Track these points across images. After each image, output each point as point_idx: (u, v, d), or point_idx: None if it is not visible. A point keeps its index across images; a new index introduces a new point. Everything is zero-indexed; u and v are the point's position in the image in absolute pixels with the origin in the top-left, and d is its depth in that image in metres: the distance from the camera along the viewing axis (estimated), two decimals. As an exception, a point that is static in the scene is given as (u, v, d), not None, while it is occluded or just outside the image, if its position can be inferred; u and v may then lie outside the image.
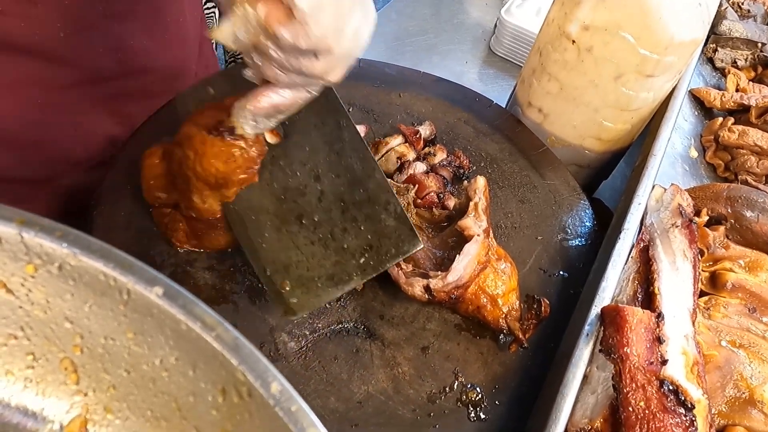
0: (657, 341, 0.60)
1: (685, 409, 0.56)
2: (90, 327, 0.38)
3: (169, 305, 0.33)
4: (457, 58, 1.44)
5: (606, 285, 0.67)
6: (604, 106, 0.90)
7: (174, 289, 0.33)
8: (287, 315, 0.65)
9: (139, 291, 0.33)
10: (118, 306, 0.35)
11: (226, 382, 0.33)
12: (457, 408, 0.66)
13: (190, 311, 0.32)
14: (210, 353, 0.32)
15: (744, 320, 0.74)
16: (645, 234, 0.74)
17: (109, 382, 0.40)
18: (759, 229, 0.80)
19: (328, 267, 0.63)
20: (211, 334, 0.32)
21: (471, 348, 0.72)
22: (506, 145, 0.95)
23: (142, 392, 0.39)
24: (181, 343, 0.34)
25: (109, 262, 0.33)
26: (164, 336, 0.35)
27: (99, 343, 0.38)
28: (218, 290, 0.70)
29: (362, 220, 0.63)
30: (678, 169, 0.93)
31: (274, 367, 0.32)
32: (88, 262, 0.34)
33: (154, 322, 0.34)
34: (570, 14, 0.85)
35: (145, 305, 0.34)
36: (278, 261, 0.65)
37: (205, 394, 0.35)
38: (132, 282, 0.34)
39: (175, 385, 0.37)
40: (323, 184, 0.64)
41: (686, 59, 0.85)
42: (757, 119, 0.97)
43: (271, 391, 0.30)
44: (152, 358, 0.37)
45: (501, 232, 0.84)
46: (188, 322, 0.33)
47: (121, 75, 0.82)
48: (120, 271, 0.33)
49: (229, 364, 0.32)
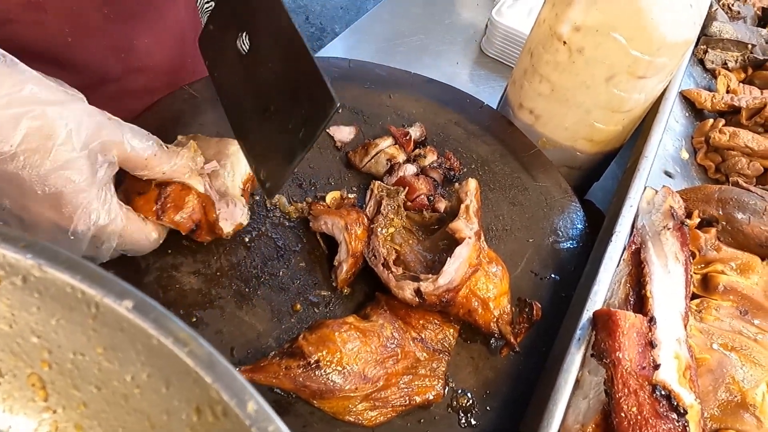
0: (649, 345, 0.59)
1: (678, 414, 0.55)
2: (58, 341, 0.36)
3: (140, 319, 0.31)
4: (449, 59, 1.43)
5: (598, 288, 0.66)
6: (595, 108, 0.89)
7: (145, 302, 0.31)
8: (268, 198, 0.75)
9: (109, 304, 0.32)
10: (87, 320, 0.34)
11: (201, 400, 0.32)
12: (447, 414, 0.66)
13: (163, 325, 0.31)
14: (183, 370, 0.31)
15: (736, 323, 0.73)
16: (636, 236, 0.74)
17: (79, 399, 0.38)
18: (750, 231, 0.79)
19: (283, 149, 0.64)
20: (183, 349, 0.31)
21: (462, 352, 0.71)
22: (497, 146, 0.94)
23: (113, 410, 0.37)
24: (153, 359, 0.33)
25: (76, 274, 0.32)
26: (135, 351, 0.34)
27: (68, 359, 0.37)
28: (204, 295, 0.69)
29: (297, 100, 0.63)
30: (669, 170, 0.93)
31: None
32: (54, 274, 0.32)
33: (125, 336, 0.33)
34: (561, 15, 0.84)
35: (114, 319, 0.32)
36: (258, 153, 0.66)
37: (179, 412, 0.34)
38: (101, 295, 0.32)
39: (147, 402, 0.36)
40: (275, 74, 0.64)
41: (678, 60, 0.85)
42: (748, 121, 0.96)
43: (248, 410, 0.29)
44: (123, 374, 0.36)
45: (492, 234, 0.83)
46: (160, 337, 0.31)
47: (125, 74, 0.84)
48: (88, 284, 0.32)
49: (203, 381, 0.30)
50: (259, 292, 0.71)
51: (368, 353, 0.62)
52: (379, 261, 0.70)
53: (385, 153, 0.85)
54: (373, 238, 0.72)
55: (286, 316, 0.70)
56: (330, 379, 0.60)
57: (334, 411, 0.62)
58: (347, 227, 0.72)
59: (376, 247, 0.71)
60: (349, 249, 0.71)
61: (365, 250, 0.72)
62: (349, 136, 0.90)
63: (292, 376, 0.60)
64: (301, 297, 0.71)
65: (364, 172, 0.86)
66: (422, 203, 0.79)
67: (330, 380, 0.60)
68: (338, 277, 0.72)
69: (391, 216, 0.75)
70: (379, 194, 0.77)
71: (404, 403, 0.64)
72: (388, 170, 0.84)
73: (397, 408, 0.64)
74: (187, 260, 0.70)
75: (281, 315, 0.69)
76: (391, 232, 0.74)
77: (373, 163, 0.86)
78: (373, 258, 0.70)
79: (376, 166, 0.86)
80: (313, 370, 0.60)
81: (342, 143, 0.89)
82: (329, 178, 0.85)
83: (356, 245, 0.71)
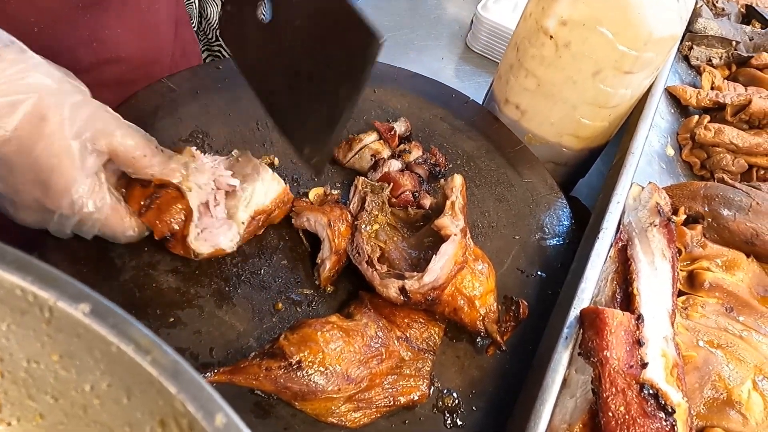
0: (637, 344, 0.58)
1: (666, 413, 0.55)
2: (10, 349, 0.33)
3: (98, 324, 0.28)
4: (434, 55, 1.42)
5: (585, 286, 0.66)
6: (582, 103, 0.88)
7: (104, 305, 0.28)
8: (317, 176, 0.80)
9: (63, 308, 0.29)
10: (41, 325, 0.31)
11: (165, 412, 0.29)
12: (433, 415, 0.64)
13: (123, 331, 0.28)
14: (146, 379, 0.28)
15: (721, 320, 0.73)
16: (623, 233, 0.73)
17: (35, 410, 0.35)
18: (736, 227, 0.79)
19: (322, 115, 0.61)
20: (146, 358, 0.28)
21: (447, 351, 0.69)
22: (483, 142, 0.93)
23: (72, 421, 0.35)
24: (113, 367, 0.30)
25: (27, 275, 0.29)
26: (94, 359, 0.31)
27: (21, 367, 0.34)
28: (182, 294, 0.66)
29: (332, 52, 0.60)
30: (655, 166, 0.93)
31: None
32: (2, 275, 0.29)
33: (82, 343, 0.30)
34: (548, 9, 0.83)
35: (70, 324, 0.30)
36: (296, 130, 0.64)
37: (142, 425, 0.31)
38: (54, 298, 0.29)
39: (108, 414, 0.33)
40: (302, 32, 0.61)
41: (664, 56, 0.84)
42: (733, 117, 0.96)
43: (216, 423, 0.26)
44: (81, 383, 0.33)
45: (478, 231, 0.82)
46: (120, 344, 0.29)
47: (96, 65, 0.82)
48: (40, 286, 0.29)
49: (166, 392, 0.28)
50: (240, 290, 0.69)
51: (351, 353, 0.61)
52: (363, 258, 0.68)
53: (370, 148, 0.84)
54: (356, 235, 0.70)
55: (268, 315, 0.68)
56: (312, 380, 0.58)
57: (317, 413, 0.60)
58: (330, 224, 0.70)
59: (360, 244, 0.69)
60: (332, 246, 0.69)
61: (349, 248, 0.70)
62: (332, 131, 0.88)
63: (273, 377, 0.58)
64: (283, 296, 0.70)
65: (348, 167, 0.85)
66: (407, 200, 0.78)
67: (312, 381, 0.58)
68: (321, 275, 0.70)
69: (375, 212, 0.73)
70: (363, 190, 0.75)
71: (389, 403, 0.62)
72: (373, 166, 0.83)
73: (382, 409, 0.62)
74: (164, 258, 0.68)
75: (262, 314, 0.68)
76: (376, 229, 0.72)
77: (357, 158, 0.84)
78: (356, 255, 0.69)
79: (360, 161, 0.84)
80: (294, 371, 0.58)
81: (325, 138, 0.87)
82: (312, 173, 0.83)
83: (339, 242, 0.69)
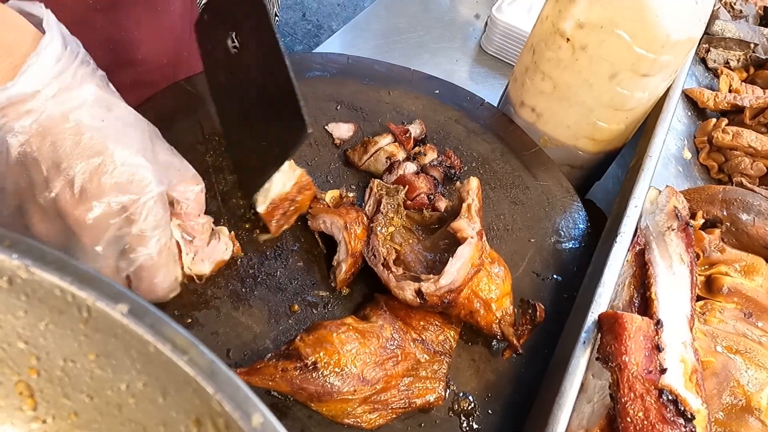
0: (656, 349, 0.58)
1: (685, 419, 0.54)
2: (47, 348, 0.34)
3: (136, 324, 0.29)
4: (448, 57, 1.41)
5: (603, 290, 0.65)
6: (598, 106, 0.88)
7: (141, 305, 0.29)
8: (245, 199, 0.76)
9: (101, 308, 0.29)
10: (78, 325, 0.32)
11: (201, 412, 0.29)
12: (449, 418, 0.64)
13: (160, 331, 0.28)
14: (182, 379, 0.29)
15: (740, 325, 0.72)
16: (640, 237, 0.72)
17: (70, 409, 0.36)
18: (755, 232, 0.78)
19: (259, 159, 0.67)
20: (183, 357, 0.28)
21: (463, 355, 0.69)
22: (498, 144, 0.93)
23: (106, 420, 0.35)
24: (149, 367, 0.31)
25: (66, 276, 0.29)
26: (130, 359, 0.31)
27: (57, 366, 0.35)
28: (199, 295, 0.67)
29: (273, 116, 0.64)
30: (671, 170, 0.92)
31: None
32: (42, 276, 0.30)
33: (119, 343, 0.30)
34: (564, 11, 0.83)
35: (108, 324, 0.30)
36: (238, 155, 0.71)
37: (176, 424, 0.31)
38: (92, 298, 0.30)
39: (143, 413, 0.34)
40: (256, 84, 0.65)
41: (682, 58, 0.84)
42: (751, 120, 0.95)
43: (252, 424, 0.27)
44: (117, 382, 0.33)
45: (493, 234, 0.82)
46: (157, 344, 0.29)
47: (113, 67, 0.82)
48: (78, 286, 0.29)
49: (203, 391, 0.28)
50: (256, 292, 0.69)
51: (367, 354, 0.61)
52: (379, 261, 0.68)
53: (385, 151, 0.84)
54: (372, 237, 0.70)
55: (284, 317, 0.68)
56: (328, 381, 0.58)
57: (332, 414, 0.61)
58: (347, 226, 0.70)
59: (375, 246, 0.69)
60: (348, 248, 0.69)
61: (365, 250, 0.70)
62: (347, 133, 0.88)
63: (289, 378, 0.58)
64: (299, 297, 0.70)
65: (363, 170, 0.85)
66: (422, 202, 0.78)
67: (328, 382, 0.58)
68: (337, 277, 0.70)
69: (390, 215, 0.73)
70: (379, 193, 0.75)
71: (404, 405, 0.62)
72: (388, 168, 0.83)
73: (397, 410, 0.62)
74: (182, 259, 0.69)
75: (278, 316, 0.68)
76: (391, 232, 0.72)
77: (373, 161, 0.84)
78: (372, 258, 0.69)
79: (375, 164, 0.84)
80: (310, 372, 0.58)
81: (341, 140, 0.87)
82: (327, 176, 0.83)
83: (356, 245, 0.70)
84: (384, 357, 0.62)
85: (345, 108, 0.92)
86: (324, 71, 0.95)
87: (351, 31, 1.46)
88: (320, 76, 0.95)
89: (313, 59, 0.98)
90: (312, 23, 3.41)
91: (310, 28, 3.37)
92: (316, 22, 3.42)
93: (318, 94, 0.92)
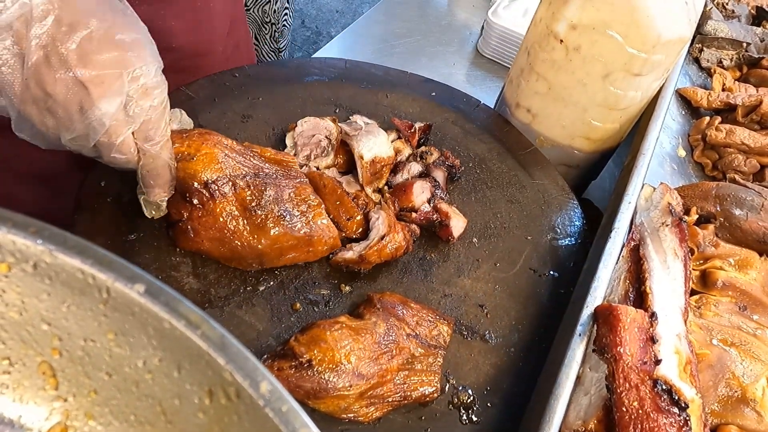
0: (650, 341, 0.59)
1: (679, 408, 0.55)
2: (68, 328, 0.36)
3: (152, 303, 0.31)
4: (445, 60, 1.43)
5: (598, 285, 0.66)
6: (592, 106, 0.90)
7: (156, 285, 0.31)
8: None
9: (120, 289, 0.31)
10: (98, 305, 0.33)
11: (213, 382, 0.31)
12: (449, 411, 0.65)
13: (174, 309, 0.30)
14: (195, 353, 0.31)
15: (735, 318, 0.74)
16: (635, 233, 0.74)
17: (90, 387, 0.38)
18: (748, 227, 0.79)
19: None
20: (196, 332, 0.30)
21: (461, 349, 0.70)
22: (494, 145, 0.94)
23: (124, 396, 0.37)
24: (164, 343, 0.32)
25: (87, 259, 0.31)
26: (147, 336, 0.33)
27: (78, 346, 0.36)
28: (203, 294, 0.68)
29: None
30: (666, 168, 0.93)
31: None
32: (65, 260, 0.32)
33: (136, 321, 0.32)
34: (557, 13, 0.85)
35: (126, 304, 0.32)
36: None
37: (191, 396, 0.33)
38: (111, 279, 0.32)
39: (159, 387, 0.35)
40: None
41: (673, 58, 0.85)
42: (744, 118, 0.97)
43: (261, 391, 0.29)
44: (135, 359, 0.35)
45: (490, 232, 0.83)
46: (172, 320, 0.31)
47: None
48: (98, 268, 0.31)
49: (215, 363, 0.30)
50: (259, 291, 0.70)
51: (361, 350, 0.62)
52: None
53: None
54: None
55: (286, 315, 0.69)
56: (323, 378, 0.59)
57: (330, 411, 0.62)
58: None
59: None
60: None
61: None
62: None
63: (285, 377, 0.59)
64: (301, 296, 0.71)
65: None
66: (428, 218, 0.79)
67: (323, 378, 0.59)
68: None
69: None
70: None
71: (401, 399, 0.63)
72: (393, 168, 0.84)
73: (394, 404, 0.63)
74: (185, 261, 0.70)
75: (281, 314, 0.69)
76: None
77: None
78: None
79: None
80: (305, 370, 0.59)
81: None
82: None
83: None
84: (378, 352, 0.63)
85: (343, 111, 0.93)
86: (322, 75, 0.97)
87: (349, 36, 1.48)
88: (319, 80, 0.96)
89: (311, 64, 0.99)
90: (311, 30, 3.43)
91: (310, 35, 3.40)
92: (315, 29, 3.45)
93: (317, 98, 0.94)
